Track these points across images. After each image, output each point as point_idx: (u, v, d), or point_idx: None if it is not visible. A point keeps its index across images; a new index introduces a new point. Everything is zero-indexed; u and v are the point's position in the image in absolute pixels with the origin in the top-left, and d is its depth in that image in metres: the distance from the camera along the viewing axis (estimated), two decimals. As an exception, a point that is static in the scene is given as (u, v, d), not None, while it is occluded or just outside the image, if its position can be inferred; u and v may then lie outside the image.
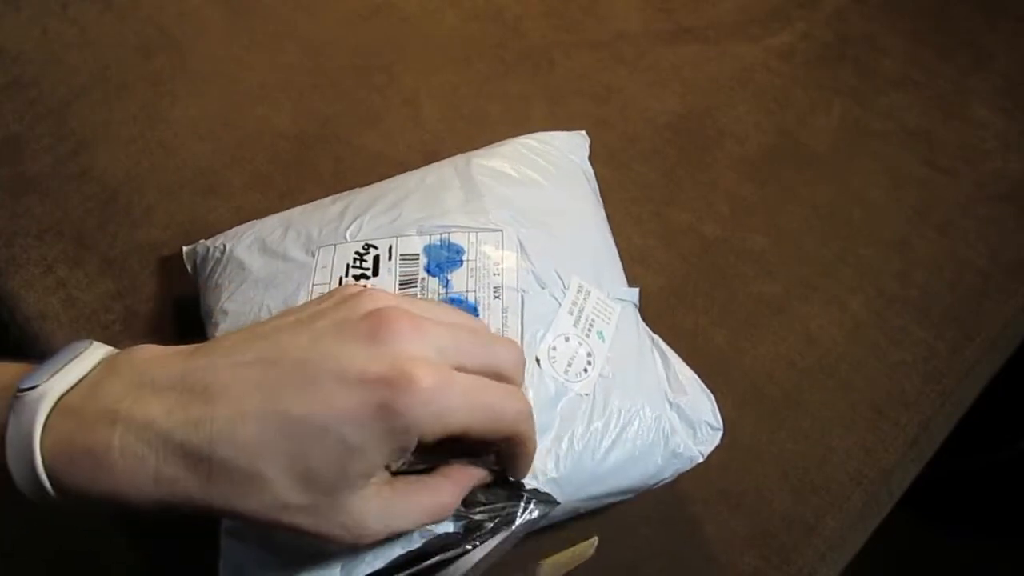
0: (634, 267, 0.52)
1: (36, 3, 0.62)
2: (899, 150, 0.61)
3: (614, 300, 0.42)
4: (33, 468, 0.27)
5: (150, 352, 0.30)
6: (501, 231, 0.41)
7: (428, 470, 0.32)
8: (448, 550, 0.35)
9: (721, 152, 0.59)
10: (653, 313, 0.47)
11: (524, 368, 0.33)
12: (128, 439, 0.27)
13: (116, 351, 0.31)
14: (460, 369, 0.29)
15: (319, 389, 0.27)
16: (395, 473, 0.31)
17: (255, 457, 0.27)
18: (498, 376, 0.31)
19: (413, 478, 0.31)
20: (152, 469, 0.27)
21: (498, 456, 0.33)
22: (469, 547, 0.35)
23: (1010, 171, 0.60)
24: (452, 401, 0.28)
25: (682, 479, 0.47)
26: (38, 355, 0.48)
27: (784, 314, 0.53)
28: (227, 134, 0.57)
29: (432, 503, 0.31)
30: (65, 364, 0.29)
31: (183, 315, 0.50)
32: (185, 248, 0.48)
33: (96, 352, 0.30)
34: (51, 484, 0.28)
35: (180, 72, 0.60)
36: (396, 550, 0.34)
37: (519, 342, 0.38)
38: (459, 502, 0.32)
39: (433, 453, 0.31)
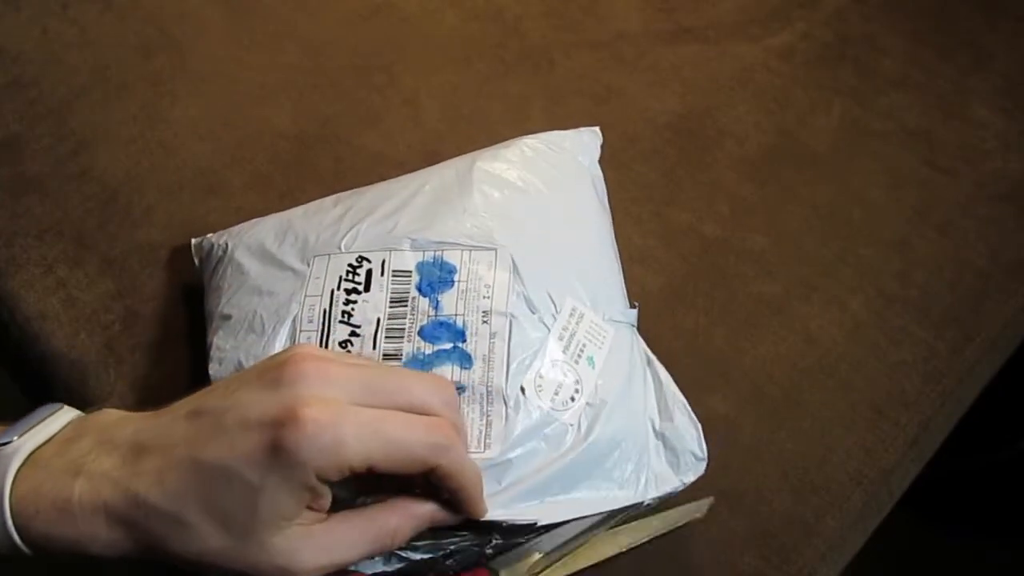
0: (634, 267, 0.52)
1: (36, 3, 0.62)
2: (899, 150, 0.61)
3: (609, 322, 0.41)
4: (2, 517, 0.29)
5: (115, 415, 0.33)
6: (495, 250, 0.41)
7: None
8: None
9: (721, 152, 0.59)
10: (653, 313, 0.47)
11: (454, 402, 0.33)
12: (86, 489, 0.30)
13: (84, 415, 0.34)
14: (365, 406, 0.30)
15: (226, 435, 0.29)
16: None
17: (179, 503, 0.29)
18: (412, 411, 0.31)
19: (351, 512, 0.32)
20: (104, 517, 0.29)
21: (433, 491, 0.33)
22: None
23: (1010, 171, 0.60)
24: (343, 434, 0.29)
25: (682, 479, 0.47)
26: (38, 355, 0.48)
27: (784, 314, 0.53)
28: (227, 134, 0.57)
29: (375, 531, 0.32)
30: (38, 423, 0.32)
31: (183, 315, 0.50)
32: (194, 241, 0.48)
33: (66, 414, 0.34)
34: (18, 534, 0.30)
35: (180, 72, 0.60)
36: (378, 566, 0.35)
37: (504, 369, 0.38)
38: (410, 531, 0.33)
39: (378, 490, 0.32)
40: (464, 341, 0.38)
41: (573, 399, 0.38)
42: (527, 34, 0.65)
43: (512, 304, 0.39)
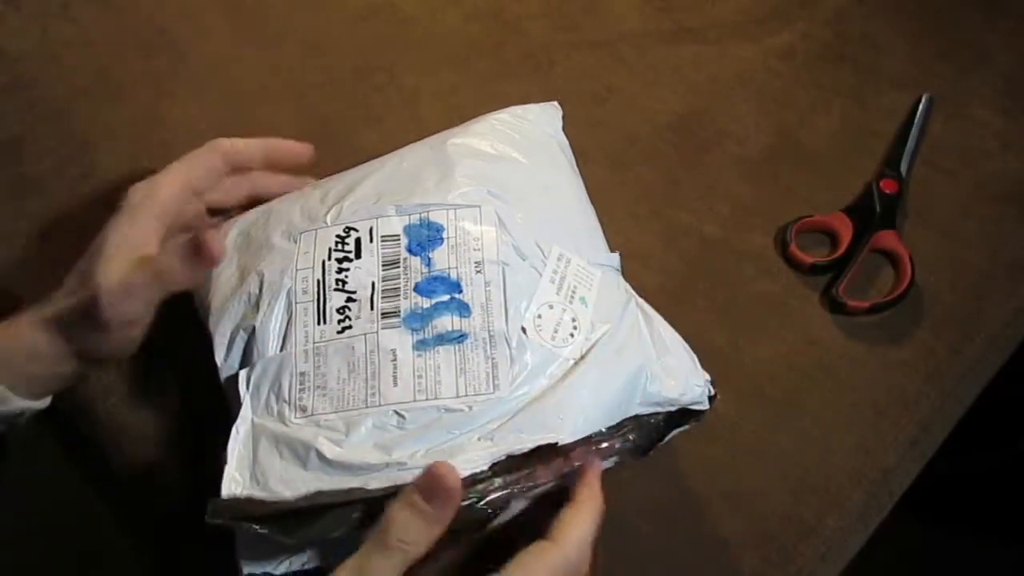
0: (634, 267, 0.52)
1: (36, 3, 0.62)
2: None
3: (595, 266, 0.43)
4: None
5: None
6: (479, 207, 0.42)
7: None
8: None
9: (721, 152, 0.59)
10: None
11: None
12: None
13: None
14: None
15: None
16: None
17: None
18: None
19: None
20: None
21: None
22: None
23: (1010, 171, 0.60)
24: None
25: (682, 479, 0.47)
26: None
27: (784, 314, 0.53)
28: (227, 134, 0.57)
29: None
30: None
31: (183, 314, 0.50)
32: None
33: None
34: None
35: (180, 72, 0.60)
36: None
37: (503, 313, 0.39)
38: None
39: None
40: (460, 292, 0.40)
41: (572, 335, 0.39)
42: (527, 34, 0.65)
43: (503, 253, 0.40)
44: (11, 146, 0.56)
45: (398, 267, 0.40)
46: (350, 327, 0.39)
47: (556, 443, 0.37)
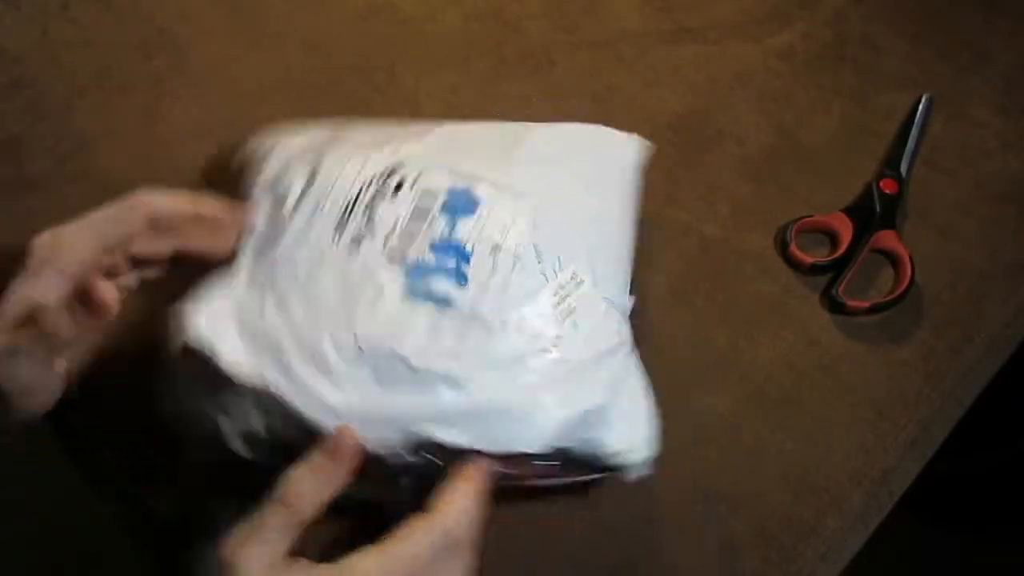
0: (634, 267, 0.52)
1: (36, 3, 0.62)
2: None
3: (604, 300, 0.42)
4: None
5: None
6: (524, 198, 0.42)
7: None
8: None
9: (721, 152, 0.59)
10: (653, 313, 0.47)
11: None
12: None
13: None
14: None
15: None
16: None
17: None
18: None
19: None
20: None
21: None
22: None
23: (1010, 171, 0.60)
24: None
25: (682, 479, 0.47)
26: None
27: (784, 314, 0.53)
28: (227, 134, 0.57)
29: None
30: None
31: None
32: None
33: None
34: None
35: (180, 72, 0.60)
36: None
37: (495, 299, 0.39)
38: None
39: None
40: (467, 264, 0.40)
41: (547, 351, 0.39)
42: (527, 34, 0.65)
43: (522, 248, 0.41)
44: (11, 146, 0.56)
45: (424, 221, 0.41)
46: (357, 251, 0.40)
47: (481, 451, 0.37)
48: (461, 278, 0.40)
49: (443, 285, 0.40)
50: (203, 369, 0.38)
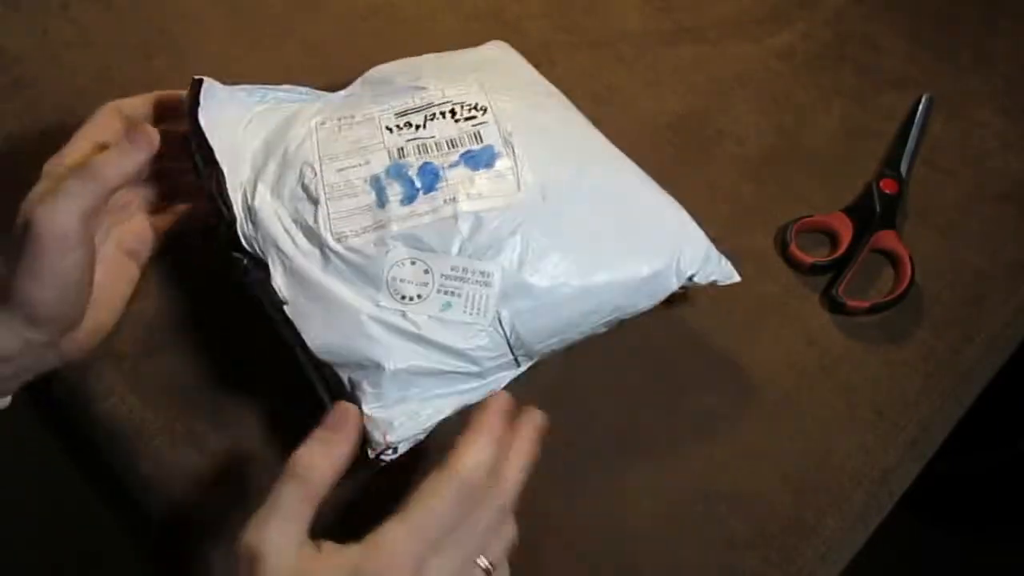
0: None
1: (36, 3, 0.62)
2: (899, 150, 0.61)
3: (497, 317, 0.43)
4: None
5: None
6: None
7: None
8: None
9: (721, 152, 0.59)
10: (653, 313, 0.47)
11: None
12: None
13: None
14: None
15: None
16: None
17: None
18: None
19: None
20: None
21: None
22: None
23: (1010, 171, 0.60)
24: None
25: (682, 479, 0.47)
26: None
27: (784, 314, 0.53)
28: (227, 134, 0.57)
29: None
30: None
31: (183, 314, 0.50)
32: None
33: None
34: None
35: (180, 72, 0.60)
36: None
37: (406, 235, 0.42)
38: None
39: None
40: (424, 194, 0.43)
41: (402, 301, 0.42)
42: (527, 34, 0.65)
43: (483, 225, 0.43)
44: (11, 146, 0.56)
45: (445, 150, 0.45)
46: (391, 121, 0.46)
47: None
48: (408, 199, 0.43)
49: (394, 189, 0.43)
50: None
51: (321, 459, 0.35)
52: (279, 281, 0.42)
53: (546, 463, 0.47)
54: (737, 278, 0.47)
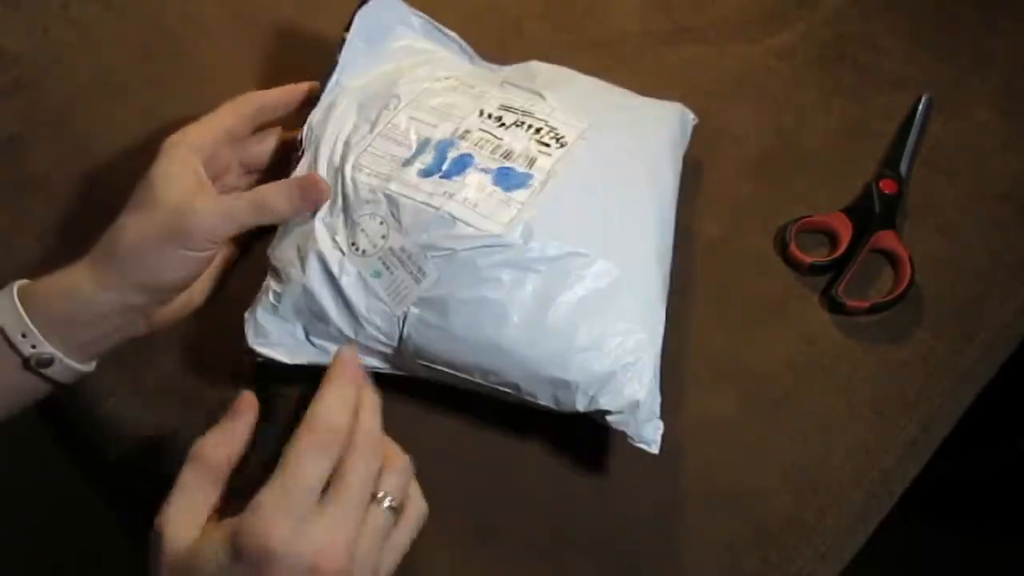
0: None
1: (36, 3, 0.62)
2: (899, 150, 0.61)
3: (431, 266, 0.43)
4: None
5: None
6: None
7: None
8: None
9: (721, 152, 0.59)
10: (653, 313, 0.47)
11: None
12: None
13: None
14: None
15: None
16: None
17: None
18: None
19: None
20: None
21: None
22: None
23: (1010, 171, 0.60)
24: None
25: (682, 479, 0.47)
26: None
27: (784, 314, 0.53)
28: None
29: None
30: None
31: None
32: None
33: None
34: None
35: (181, 72, 0.60)
36: None
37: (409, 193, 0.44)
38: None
39: None
40: (443, 169, 0.44)
41: (363, 252, 0.43)
42: (527, 34, 0.65)
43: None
44: (11, 146, 0.56)
45: (498, 154, 0.46)
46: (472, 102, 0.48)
47: None
48: (426, 174, 0.44)
49: (425, 159, 0.45)
50: None
51: (218, 443, 0.36)
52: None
53: (546, 462, 0.47)
54: (654, 450, 0.42)
